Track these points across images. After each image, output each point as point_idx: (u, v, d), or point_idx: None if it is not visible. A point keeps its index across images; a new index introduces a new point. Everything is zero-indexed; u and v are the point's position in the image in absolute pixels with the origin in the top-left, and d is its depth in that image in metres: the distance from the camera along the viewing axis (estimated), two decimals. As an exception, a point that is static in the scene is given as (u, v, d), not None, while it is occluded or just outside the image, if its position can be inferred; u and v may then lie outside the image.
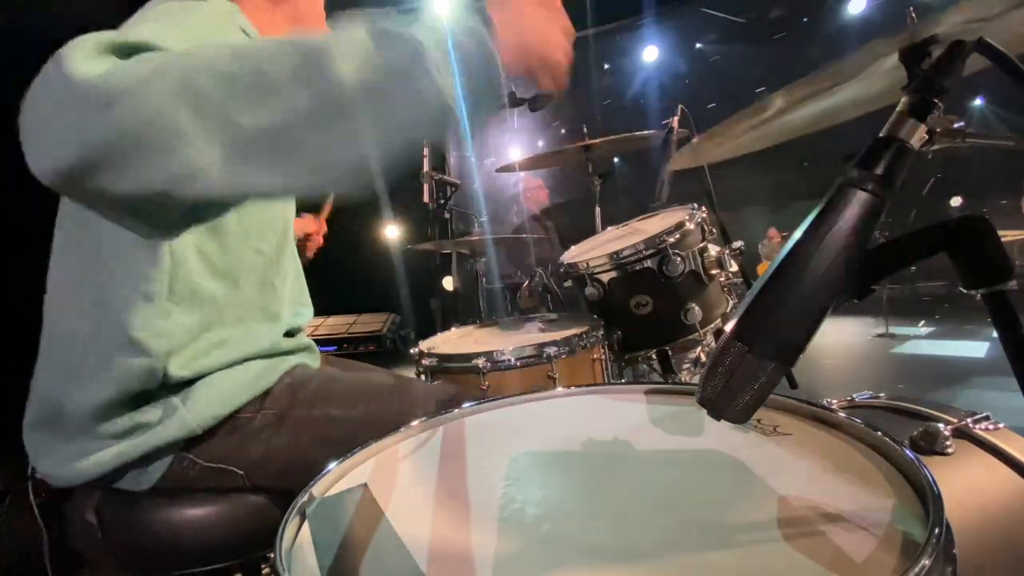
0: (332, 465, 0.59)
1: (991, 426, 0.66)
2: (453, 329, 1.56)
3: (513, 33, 0.57)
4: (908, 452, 0.47)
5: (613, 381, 1.40)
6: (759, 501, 0.47)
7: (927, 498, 0.40)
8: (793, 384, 1.33)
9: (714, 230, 1.43)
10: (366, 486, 0.56)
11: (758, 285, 0.40)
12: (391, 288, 4.19)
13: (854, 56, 0.49)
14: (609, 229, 1.72)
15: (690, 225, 1.35)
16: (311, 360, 0.97)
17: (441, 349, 1.31)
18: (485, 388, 1.17)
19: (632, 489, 0.52)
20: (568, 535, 0.46)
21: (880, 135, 0.43)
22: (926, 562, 0.33)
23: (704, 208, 1.45)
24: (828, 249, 0.39)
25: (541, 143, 6.54)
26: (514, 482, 0.55)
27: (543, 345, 1.21)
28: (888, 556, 0.37)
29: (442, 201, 3.31)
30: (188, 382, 0.77)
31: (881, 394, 0.84)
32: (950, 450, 0.63)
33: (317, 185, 0.55)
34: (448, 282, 4.54)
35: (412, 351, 1.34)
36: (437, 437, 0.69)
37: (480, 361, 1.18)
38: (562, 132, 6.39)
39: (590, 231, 1.81)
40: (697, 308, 1.34)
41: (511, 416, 0.74)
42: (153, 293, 0.74)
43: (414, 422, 0.71)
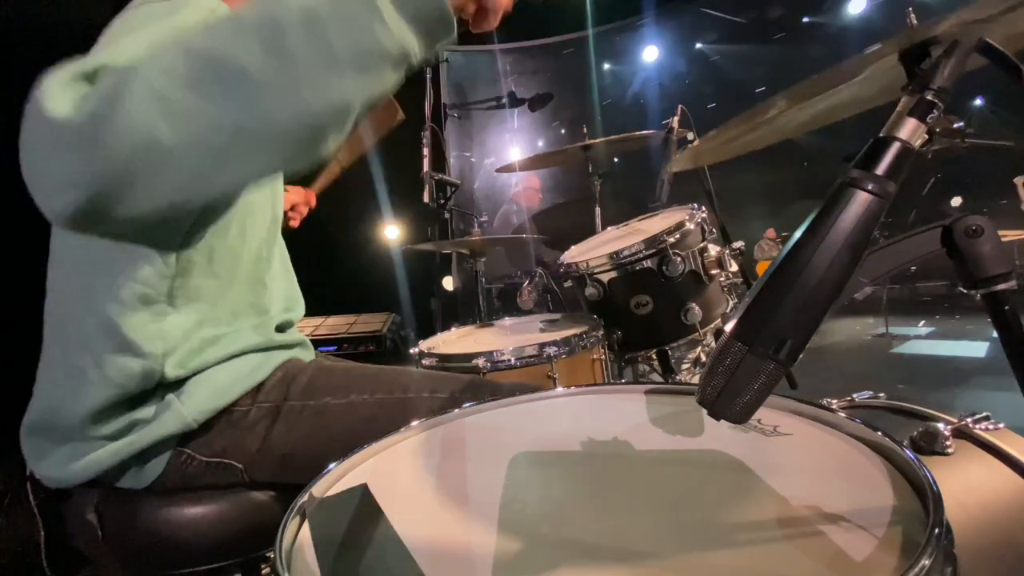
0: (332, 465, 0.59)
1: (991, 426, 0.66)
2: (453, 329, 1.56)
3: None
4: (908, 452, 0.47)
5: (613, 381, 1.40)
6: (759, 501, 0.47)
7: (927, 498, 0.40)
8: (793, 384, 1.33)
9: (714, 230, 1.44)
10: (366, 486, 0.56)
11: (758, 285, 0.40)
12: (391, 288, 4.19)
13: (854, 60, 0.49)
14: (609, 229, 1.72)
15: (690, 225, 1.35)
16: (304, 355, 0.98)
17: (441, 349, 1.31)
18: (485, 388, 1.17)
19: (632, 489, 0.52)
20: (568, 535, 0.46)
21: (880, 135, 0.43)
22: (926, 562, 0.33)
23: (704, 208, 1.45)
24: (828, 249, 0.39)
25: (541, 143, 6.54)
26: (514, 482, 0.55)
27: (543, 345, 1.21)
28: (888, 556, 0.37)
29: (442, 201, 3.31)
30: (184, 379, 0.77)
31: (881, 394, 0.84)
32: (950, 450, 0.63)
33: (305, 152, 0.55)
34: (448, 282, 4.55)
35: (412, 351, 1.34)
36: (437, 437, 0.69)
37: (480, 361, 1.18)
38: (562, 132, 6.39)
39: (590, 231, 1.81)
40: (697, 308, 1.34)
41: (511, 416, 0.74)
42: (151, 296, 0.74)
43: (414, 422, 0.71)
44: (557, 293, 2.73)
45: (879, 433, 0.52)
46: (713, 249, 1.38)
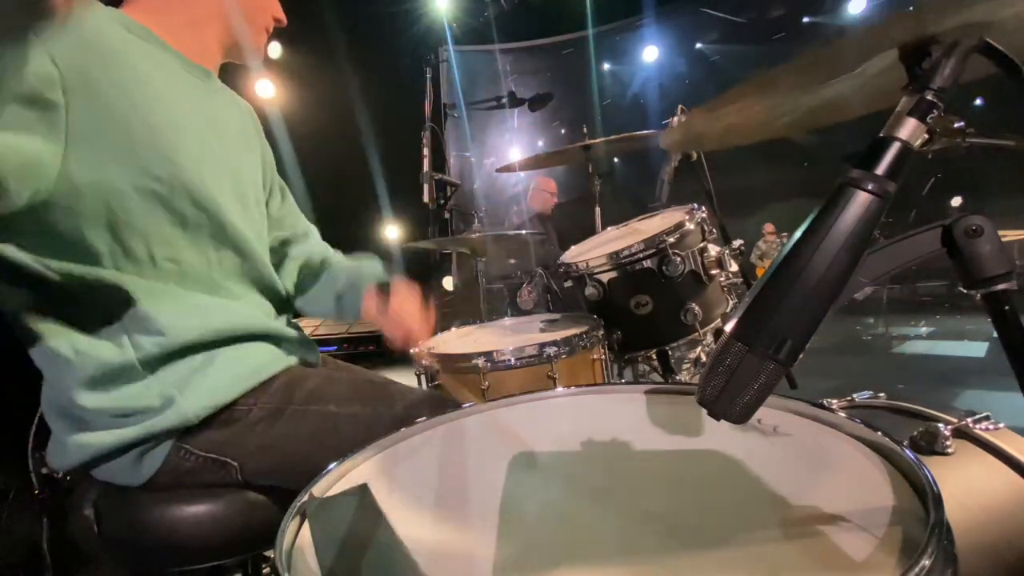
0: (332, 465, 0.59)
1: (991, 426, 0.66)
2: (453, 329, 1.56)
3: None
4: (908, 452, 0.47)
5: (613, 381, 1.40)
6: (759, 501, 0.47)
7: (927, 498, 0.40)
8: (793, 384, 1.33)
9: (714, 230, 1.43)
10: (366, 486, 0.56)
11: (758, 285, 0.40)
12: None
13: (856, 35, 0.49)
14: (609, 229, 1.72)
15: (690, 225, 1.35)
16: (310, 356, 0.98)
17: (441, 349, 1.31)
18: (485, 388, 1.17)
19: (632, 489, 0.52)
20: (567, 535, 0.46)
21: (880, 135, 0.43)
22: (926, 562, 0.33)
23: (704, 208, 1.45)
24: (828, 249, 0.39)
25: (541, 143, 6.54)
26: (514, 482, 0.55)
27: (543, 345, 1.21)
28: (888, 556, 0.37)
29: (442, 201, 3.31)
30: (183, 368, 0.77)
31: (881, 394, 0.84)
32: (950, 450, 0.63)
33: None
34: (448, 282, 4.55)
35: (412, 351, 1.34)
36: (437, 437, 0.69)
37: (480, 361, 1.18)
38: (562, 132, 6.39)
39: (590, 231, 1.81)
40: (697, 308, 1.34)
41: (511, 416, 0.74)
42: (90, 255, 0.73)
43: (415, 422, 0.71)
44: (557, 293, 2.73)
45: (879, 433, 0.52)
46: (713, 249, 1.37)
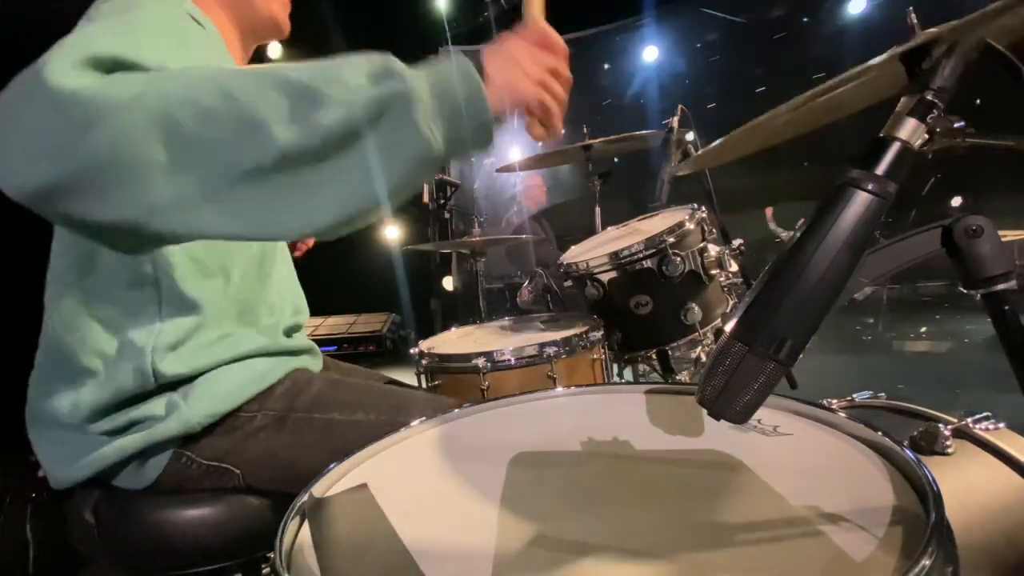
0: (332, 465, 0.59)
1: (991, 426, 0.66)
2: (453, 329, 1.56)
3: (504, 80, 0.57)
4: (908, 452, 0.47)
5: (613, 381, 1.40)
6: (759, 501, 0.47)
7: (927, 498, 0.40)
8: (793, 384, 1.33)
9: (714, 230, 1.43)
10: (366, 486, 0.56)
11: (758, 285, 0.40)
12: (391, 288, 4.19)
13: (858, 70, 0.49)
14: (609, 229, 1.72)
15: (690, 225, 1.35)
16: (313, 362, 0.97)
17: (441, 349, 1.31)
18: (485, 388, 1.17)
19: (632, 489, 0.52)
20: (568, 535, 0.46)
21: (880, 135, 0.43)
22: (926, 562, 0.33)
23: (704, 208, 1.45)
24: (828, 249, 0.39)
25: (541, 143, 6.53)
26: (514, 482, 0.55)
27: (543, 345, 1.21)
28: (888, 556, 0.37)
29: (442, 201, 3.31)
30: (188, 379, 0.77)
31: (881, 394, 0.84)
32: (950, 450, 0.63)
33: (294, 228, 0.52)
34: (448, 282, 4.55)
35: (412, 351, 1.34)
36: (437, 437, 0.69)
37: (480, 361, 1.18)
38: (562, 132, 6.38)
39: (590, 231, 1.81)
40: (697, 308, 1.34)
41: (511, 416, 0.74)
42: (141, 298, 0.74)
43: (414, 422, 0.71)
44: (557, 293, 2.72)
45: (879, 433, 0.52)
46: (713, 249, 1.37)
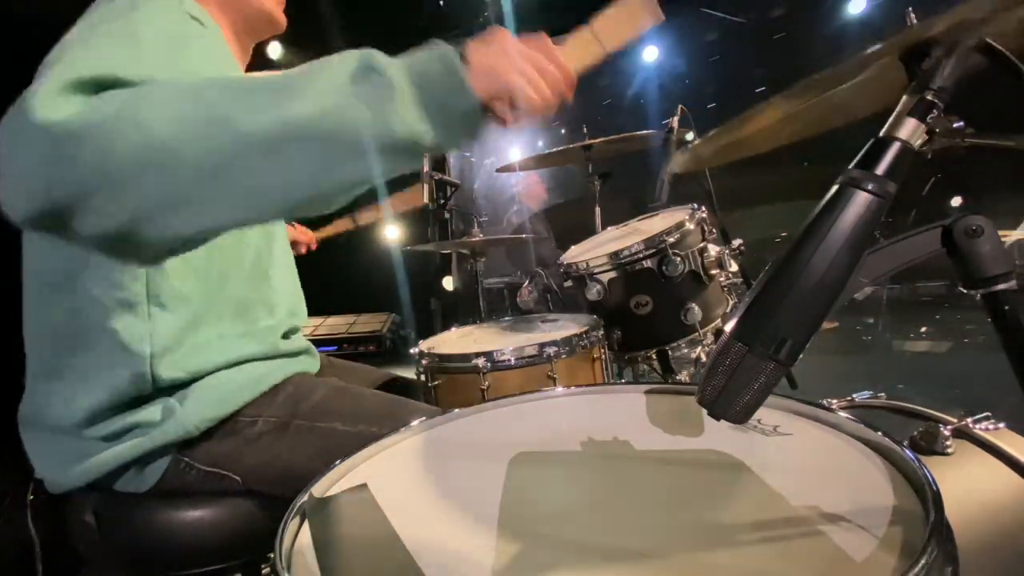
0: (333, 465, 0.59)
1: (991, 426, 0.66)
2: (453, 329, 1.56)
3: (485, 65, 0.57)
4: (908, 452, 0.47)
5: (613, 381, 1.40)
6: (759, 501, 0.47)
7: (927, 498, 0.40)
8: (793, 384, 1.33)
9: (714, 230, 1.43)
10: (366, 486, 0.56)
11: (758, 285, 0.40)
12: (391, 288, 4.18)
13: (853, 60, 0.49)
14: (609, 229, 1.72)
15: (690, 225, 1.35)
16: (311, 363, 0.97)
17: (441, 349, 1.31)
18: (485, 388, 1.17)
19: (632, 489, 0.52)
20: (568, 535, 0.46)
21: (880, 135, 0.43)
22: (926, 562, 0.33)
23: (704, 208, 1.45)
24: (828, 249, 0.39)
25: (541, 143, 6.53)
26: (514, 482, 0.55)
27: (543, 345, 1.21)
28: (888, 556, 0.37)
29: (442, 201, 3.31)
30: (185, 383, 0.77)
31: (881, 394, 0.84)
32: (950, 450, 0.63)
33: (281, 213, 0.57)
34: (448, 282, 4.54)
35: (412, 351, 1.34)
36: (438, 437, 0.69)
37: (480, 361, 1.18)
38: (562, 132, 6.38)
39: (590, 231, 1.81)
40: (697, 308, 1.34)
41: (511, 416, 0.74)
42: (130, 300, 0.73)
43: (414, 422, 0.71)
44: (557, 293, 2.72)
45: (879, 433, 0.52)
46: (713, 249, 1.37)
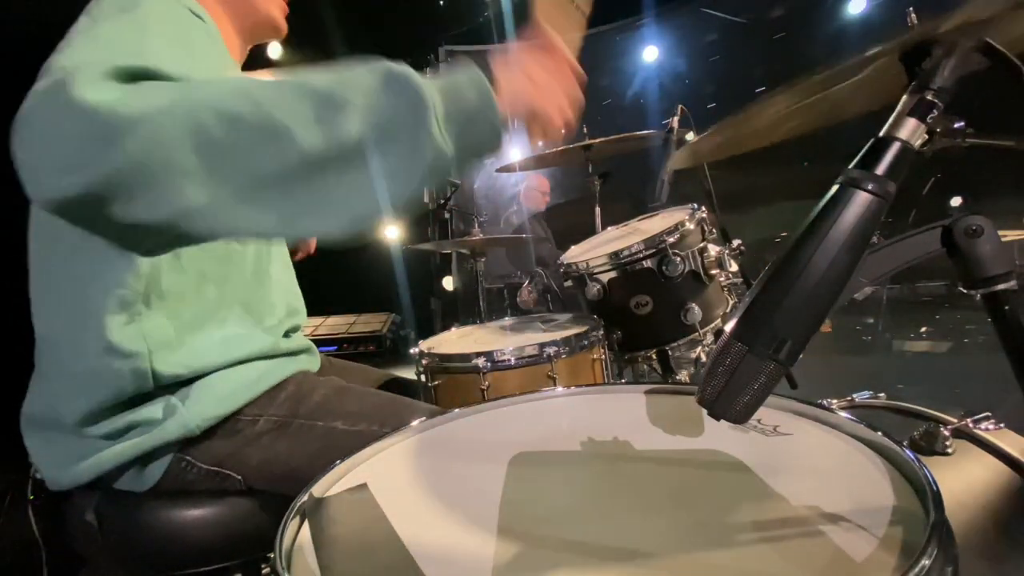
0: (332, 465, 0.59)
1: (991, 426, 0.66)
2: (453, 329, 1.56)
3: (513, 89, 0.59)
4: (908, 452, 0.47)
5: (613, 381, 1.40)
6: (759, 501, 0.47)
7: (927, 498, 0.40)
8: (793, 384, 1.33)
9: (714, 230, 1.43)
10: (366, 486, 0.56)
11: (758, 285, 0.40)
12: (391, 288, 4.19)
13: (854, 60, 0.49)
14: (609, 229, 1.72)
15: (690, 225, 1.35)
16: (311, 363, 0.97)
17: (441, 349, 1.31)
18: (485, 388, 1.17)
19: (632, 489, 0.52)
20: (568, 535, 0.46)
21: (880, 135, 0.43)
22: (926, 562, 0.33)
23: (704, 208, 1.45)
24: (828, 249, 0.39)
25: (541, 143, 6.54)
26: (514, 482, 0.55)
27: (543, 345, 1.21)
28: (888, 556, 0.37)
29: (442, 201, 3.31)
30: (187, 381, 0.77)
31: (881, 394, 0.84)
32: (950, 450, 0.63)
33: (314, 229, 0.56)
34: (448, 282, 4.55)
35: (412, 351, 1.34)
36: (437, 437, 0.69)
37: (480, 361, 1.18)
38: (562, 132, 6.38)
39: (590, 231, 1.81)
40: (697, 308, 1.34)
41: (511, 416, 0.74)
42: (127, 298, 0.73)
43: (414, 422, 0.71)
44: (557, 293, 2.72)
45: (879, 433, 0.52)
46: (713, 249, 1.37)
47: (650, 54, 6.36)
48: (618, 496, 0.51)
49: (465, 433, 0.70)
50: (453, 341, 1.44)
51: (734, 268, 1.41)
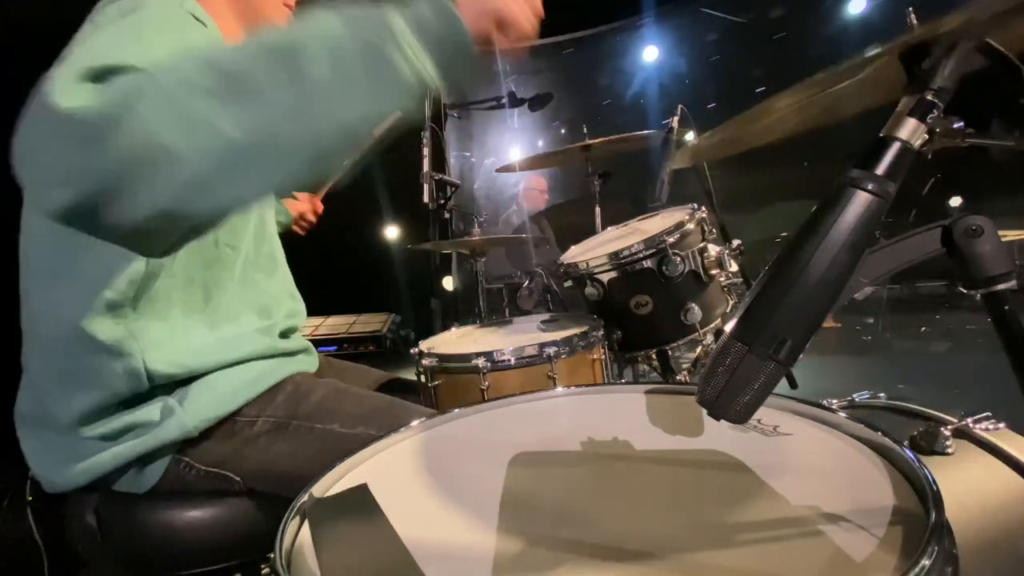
0: (332, 465, 0.59)
1: (991, 426, 0.66)
2: (453, 329, 1.56)
3: (472, 2, 0.58)
4: (908, 452, 0.47)
5: (613, 381, 1.40)
6: (759, 501, 0.47)
7: (927, 498, 0.40)
8: (793, 384, 1.33)
9: (714, 230, 1.43)
10: (366, 486, 0.56)
11: (758, 285, 0.40)
12: (391, 288, 4.19)
13: (853, 62, 0.49)
14: (609, 229, 1.72)
15: (690, 225, 1.35)
16: (309, 363, 0.97)
17: (441, 349, 1.31)
18: (485, 388, 1.17)
19: (632, 489, 0.52)
20: (567, 535, 0.46)
21: (880, 135, 0.43)
22: (926, 562, 0.33)
23: (704, 208, 1.45)
24: (828, 249, 0.39)
25: (541, 143, 6.53)
26: (514, 482, 0.55)
27: (543, 345, 1.21)
28: (888, 556, 0.37)
29: (442, 201, 3.31)
30: (183, 381, 0.77)
31: (881, 394, 0.84)
32: (950, 450, 0.63)
33: (312, 174, 0.57)
34: (448, 282, 4.54)
35: (412, 351, 1.34)
36: (437, 437, 0.69)
37: (480, 361, 1.18)
38: (562, 132, 6.38)
39: (590, 231, 1.81)
40: (697, 308, 1.34)
41: (511, 416, 0.74)
42: (114, 299, 0.73)
43: (414, 422, 0.71)
44: (557, 293, 2.72)
45: (879, 433, 0.52)
46: (713, 249, 1.37)
47: (650, 54, 6.37)
48: (618, 496, 0.51)
49: (465, 433, 0.70)
50: (453, 341, 1.44)
51: (734, 268, 1.41)
